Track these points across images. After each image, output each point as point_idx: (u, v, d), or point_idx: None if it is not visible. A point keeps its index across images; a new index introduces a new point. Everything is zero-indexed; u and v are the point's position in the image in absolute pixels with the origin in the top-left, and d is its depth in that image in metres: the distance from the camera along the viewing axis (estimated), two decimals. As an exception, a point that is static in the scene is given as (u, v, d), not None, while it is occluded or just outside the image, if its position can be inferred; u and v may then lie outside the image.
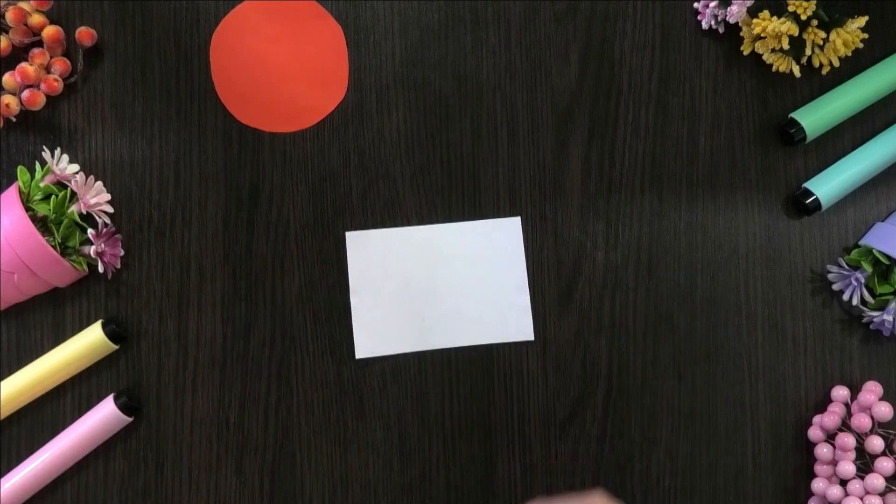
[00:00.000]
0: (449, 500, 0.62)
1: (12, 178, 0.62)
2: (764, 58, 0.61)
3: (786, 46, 0.58)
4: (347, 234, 0.62)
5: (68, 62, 0.61)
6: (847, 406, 0.61)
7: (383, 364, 0.62)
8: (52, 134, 0.63)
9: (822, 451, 0.60)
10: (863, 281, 0.60)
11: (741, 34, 0.61)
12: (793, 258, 0.63)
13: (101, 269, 0.60)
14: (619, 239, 0.62)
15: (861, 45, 0.60)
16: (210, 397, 0.62)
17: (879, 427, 0.59)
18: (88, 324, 0.62)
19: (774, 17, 0.58)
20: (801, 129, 0.61)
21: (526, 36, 0.63)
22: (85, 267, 0.61)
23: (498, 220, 0.62)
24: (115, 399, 0.61)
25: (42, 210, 0.59)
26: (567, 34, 0.63)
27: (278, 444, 0.62)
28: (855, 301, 0.61)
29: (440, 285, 0.62)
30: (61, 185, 0.61)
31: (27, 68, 0.59)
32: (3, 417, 0.61)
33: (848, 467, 0.58)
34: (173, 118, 0.63)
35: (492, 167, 0.63)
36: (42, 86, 0.60)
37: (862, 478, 0.59)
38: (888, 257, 0.60)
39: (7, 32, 0.61)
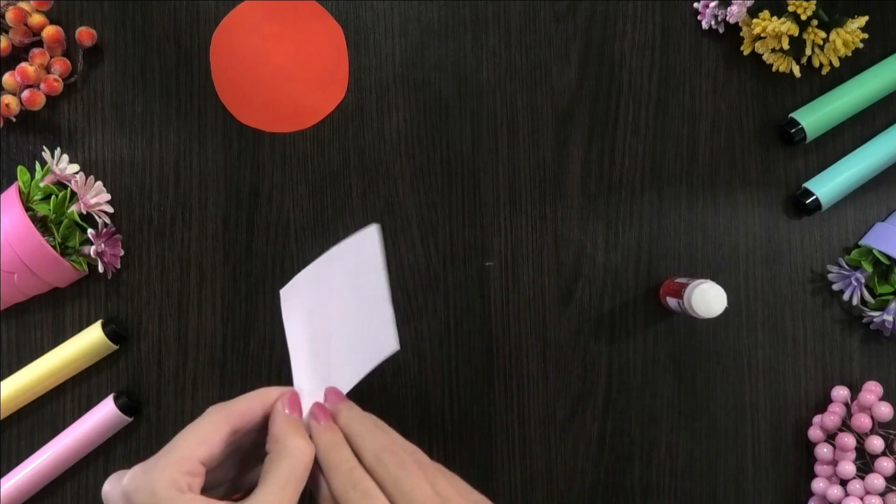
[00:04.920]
0: (449, 500, 0.62)
1: (12, 178, 0.62)
2: (764, 58, 0.61)
3: (786, 46, 0.58)
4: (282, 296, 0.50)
5: (68, 62, 0.61)
6: (847, 406, 0.61)
7: (383, 364, 0.62)
8: (52, 134, 0.63)
9: (823, 451, 0.60)
10: (863, 281, 0.60)
11: (741, 34, 0.61)
12: (793, 258, 0.62)
13: (101, 269, 0.60)
14: (619, 239, 0.62)
15: (861, 45, 0.60)
16: (210, 397, 0.62)
17: (879, 427, 0.59)
18: (88, 324, 0.62)
19: (774, 17, 0.58)
20: (801, 129, 0.61)
21: (526, 36, 0.63)
22: (85, 267, 0.61)
23: (355, 236, 0.49)
24: (115, 399, 0.61)
25: (42, 210, 0.59)
26: (567, 34, 0.63)
27: (278, 444, 0.62)
28: (855, 301, 0.61)
29: (323, 328, 0.50)
30: (61, 185, 0.61)
31: (27, 68, 0.59)
32: (3, 417, 0.61)
33: (848, 467, 0.58)
34: (173, 118, 0.63)
35: (492, 167, 0.63)
36: (42, 86, 0.60)
37: (862, 478, 0.59)
38: (888, 257, 0.59)
39: (7, 32, 0.61)
